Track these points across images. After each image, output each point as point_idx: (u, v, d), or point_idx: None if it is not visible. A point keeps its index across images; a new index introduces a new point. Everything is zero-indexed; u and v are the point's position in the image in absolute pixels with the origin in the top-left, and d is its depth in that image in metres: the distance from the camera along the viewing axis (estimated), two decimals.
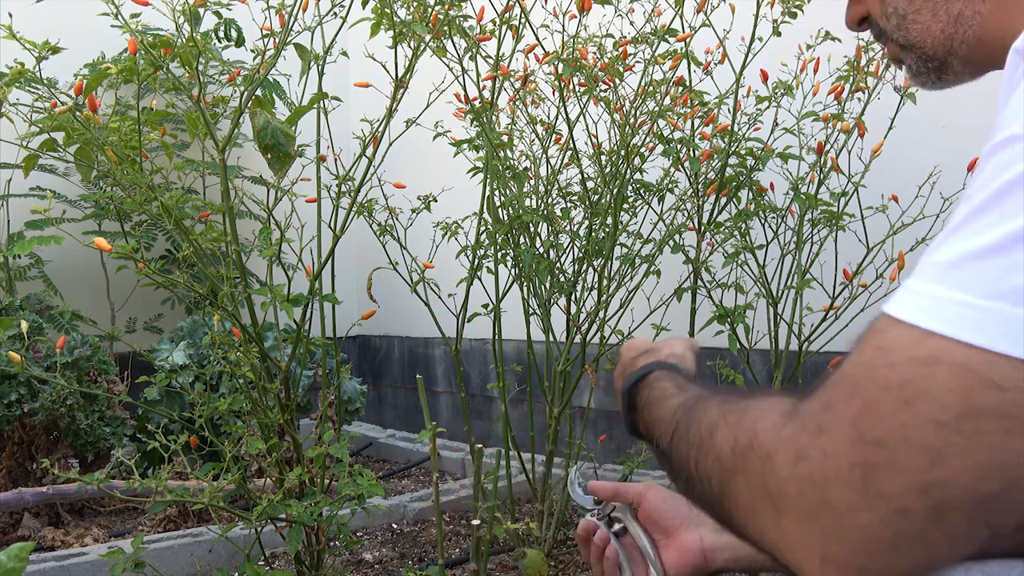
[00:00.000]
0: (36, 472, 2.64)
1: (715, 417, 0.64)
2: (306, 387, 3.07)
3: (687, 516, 1.01)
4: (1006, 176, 0.52)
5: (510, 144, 2.16)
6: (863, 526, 0.51)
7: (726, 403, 0.65)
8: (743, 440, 0.58)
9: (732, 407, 0.63)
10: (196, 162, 1.92)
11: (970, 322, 0.49)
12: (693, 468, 0.65)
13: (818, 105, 2.02)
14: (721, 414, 0.63)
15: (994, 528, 0.50)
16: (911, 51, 0.81)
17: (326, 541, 1.86)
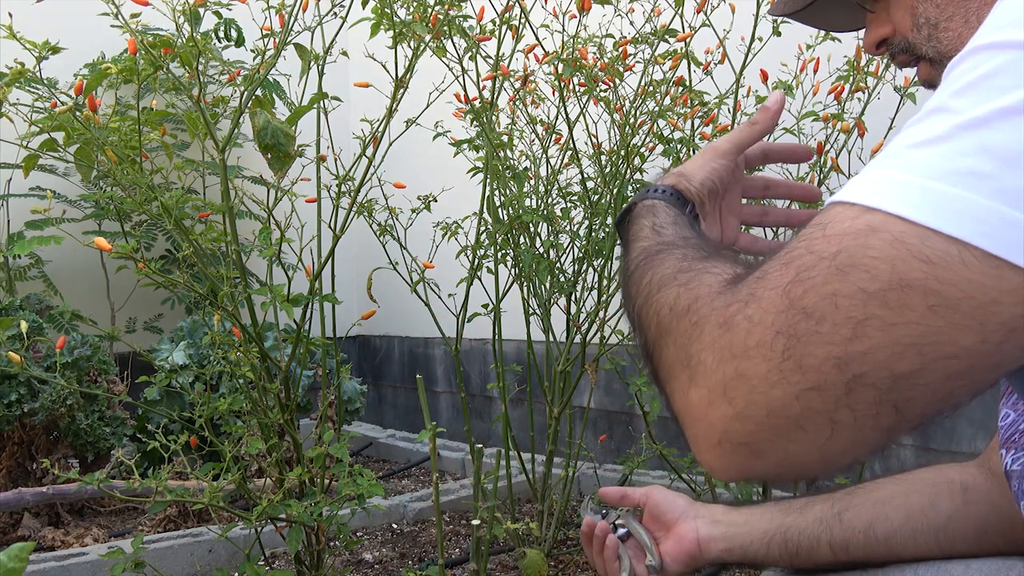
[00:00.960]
0: (36, 472, 2.64)
1: (669, 272, 0.64)
2: (306, 387, 3.07)
3: (685, 509, 1.04)
4: (959, 83, 0.52)
5: (510, 144, 2.16)
6: (772, 401, 0.50)
7: (684, 260, 0.64)
8: (683, 302, 0.58)
9: (688, 266, 0.63)
10: (196, 162, 1.92)
11: (909, 199, 0.49)
12: (636, 315, 0.65)
13: (818, 105, 2.02)
14: (675, 271, 0.63)
15: (901, 414, 0.49)
16: (942, 64, 0.78)
17: (326, 541, 1.86)
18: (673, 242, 0.71)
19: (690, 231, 0.76)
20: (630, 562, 1.04)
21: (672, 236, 0.74)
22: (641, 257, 0.70)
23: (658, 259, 0.67)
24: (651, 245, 0.72)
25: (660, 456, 2.17)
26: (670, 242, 0.71)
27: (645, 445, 2.22)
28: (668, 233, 0.75)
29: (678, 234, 0.74)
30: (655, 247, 0.71)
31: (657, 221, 0.78)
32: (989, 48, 0.51)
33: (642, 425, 2.85)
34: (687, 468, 2.16)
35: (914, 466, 0.96)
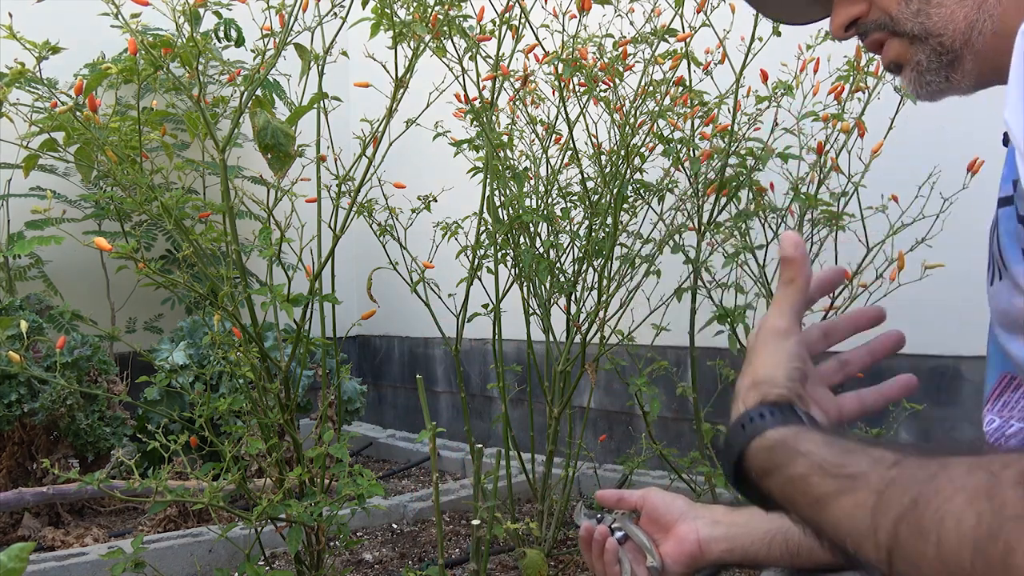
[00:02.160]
0: (36, 472, 2.64)
1: (987, 519, 0.46)
2: (306, 387, 3.07)
3: (683, 510, 1.02)
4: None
5: (510, 144, 2.16)
6: None
7: (988, 498, 0.47)
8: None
9: (1006, 502, 0.46)
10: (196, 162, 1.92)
11: None
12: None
13: (818, 105, 2.02)
14: (996, 508, 0.46)
15: None
16: (926, 42, 0.77)
17: (326, 541, 1.86)
18: (899, 478, 0.53)
19: (870, 443, 0.59)
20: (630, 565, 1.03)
21: (868, 466, 0.56)
22: (872, 521, 0.52)
23: (922, 512, 0.49)
24: (865, 499, 0.54)
25: (660, 456, 2.17)
26: (894, 480, 0.53)
27: (645, 445, 2.22)
28: (858, 465, 0.56)
29: (878, 456, 0.56)
30: (875, 495, 0.53)
31: (816, 459, 0.59)
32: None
33: (642, 425, 2.85)
34: (687, 468, 2.16)
35: None
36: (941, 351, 2.25)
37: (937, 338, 2.24)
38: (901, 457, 0.54)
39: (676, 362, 2.66)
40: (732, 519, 1.00)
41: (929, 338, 2.26)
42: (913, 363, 2.32)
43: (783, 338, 0.74)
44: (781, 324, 0.75)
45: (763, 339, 0.74)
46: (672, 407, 2.86)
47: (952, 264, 1.92)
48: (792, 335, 0.74)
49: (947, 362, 2.25)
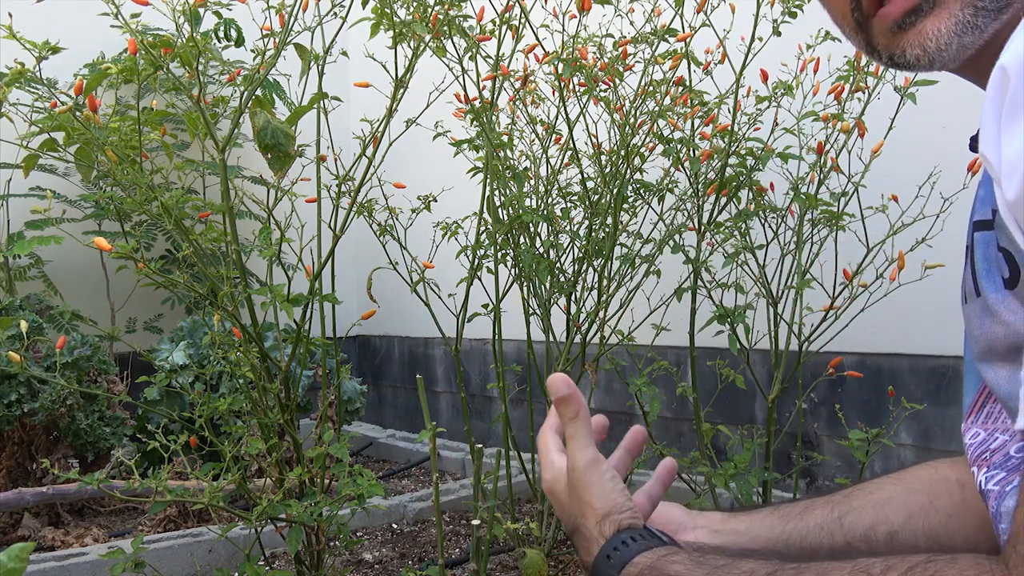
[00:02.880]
0: (36, 472, 2.64)
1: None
2: (306, 387, 3.07)
3: (682, 520, 1.00)
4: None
5: (510, 144, 2.16)
6: None
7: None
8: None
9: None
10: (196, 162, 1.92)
11: None
12: None
13: (818, 105, 2.02)
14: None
15: None
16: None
17: (326, 541, 1.86)
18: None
19: (736, 557, 0.60)
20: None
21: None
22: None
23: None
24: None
25: (660, 456, 2.16)
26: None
27: (645, 445, 2.22)
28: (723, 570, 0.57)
29: (749, 570, 0.57)
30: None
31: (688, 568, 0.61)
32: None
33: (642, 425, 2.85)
34: (687, 468, 2.16)
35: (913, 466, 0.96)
36: (941, 351, 2.25)
37: (937, 338, 2.24)
38: (773, 569, 0.55)
39: (676, 362, 2.66)
40: (731, 527, 0.98)
41: (929, 338, 2.26)
42: (913, 363, 2.32)
43: (598, 467, 0.76)
44: (589, 455, 0.76)
45: (580, 478, 0.75)
46: (672, 407, 2.86)
47: (952, 264, 1.92)
48: (602, 462, 0.77)
49: (947, 362, 2.25)
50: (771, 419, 2.11)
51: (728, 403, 2.62)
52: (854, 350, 2.33)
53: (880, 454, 2.26)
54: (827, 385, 2.42)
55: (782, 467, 2.51)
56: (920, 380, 2.30)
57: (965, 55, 0.65)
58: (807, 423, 2.52)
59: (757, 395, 2.60)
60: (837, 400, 2.44)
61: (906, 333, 2.30)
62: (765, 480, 2.05)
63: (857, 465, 2.15)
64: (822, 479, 2.53)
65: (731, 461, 1.96)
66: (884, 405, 2.31)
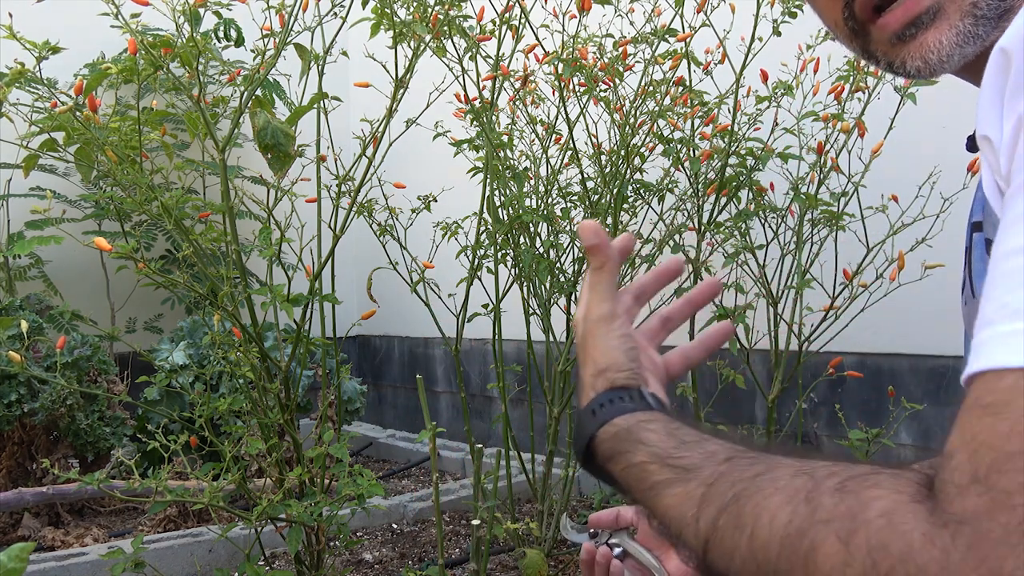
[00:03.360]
0: (36, 472, 2.64)
1: (799, 519, 0.47)
2: (306, 387, 3.07)
3: None
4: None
5: (510, 144, 2.16)
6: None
7: (806, 501, 0.47)
8: (881, 561, 0.43)
9: (821, 505, 0.46)
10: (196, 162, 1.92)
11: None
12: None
13: (818, 105, 2.02)
14: (810, 511, 0.47)
15: None
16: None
17: (326, 541, 1.86)
18: (726, 474, 0.54)
19: (708, 436, 0.60)
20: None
21: (701, 460, 0.57)
22: (711, 508, 0.53)
23: (751, 504, 0.50)
24: (704, 492, 0.54)
25: None
26: (723, 476, 0.54)
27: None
28: (692, 458, 0.58)
29: (712, 451, 0.57)
30: (717, 493, 0.53)
31: (655, 449, 0.61)
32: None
33: None
34: None
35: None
36: (941, 351, 2.25)
37: (937, 338, 2.24)
38: (734, 454, 0.56)
39: None
40: None
41: (929, 338, 2.26)
42: (913, 363, 2.32)
43: (610, 322, 0.74)
44: (604, 310, 0.74)
45: (591, 329, 0.74)
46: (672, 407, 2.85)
47: (952, 264, 1.92)
48: (617, 318, 0.74)
49: (947, 362, 2.25)
50: (771, 419, 2.11)
51: (728, 403, 2.62)
52: (854, 350, 2.33)
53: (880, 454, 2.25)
54: (827, 385, 2.42)
55: None
56: (920, 380, 2.30)
57: (965, 63, 0.65)
58: (807, 423, 2.52)
59: (757, 395, 2.60)
60: (837, 400, 2.44)
61: (906, 333, 2.30)
62: None
63: None
64: None
65: None
66: (884, 405, 2.31)
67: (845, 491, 0.47)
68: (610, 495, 2.60)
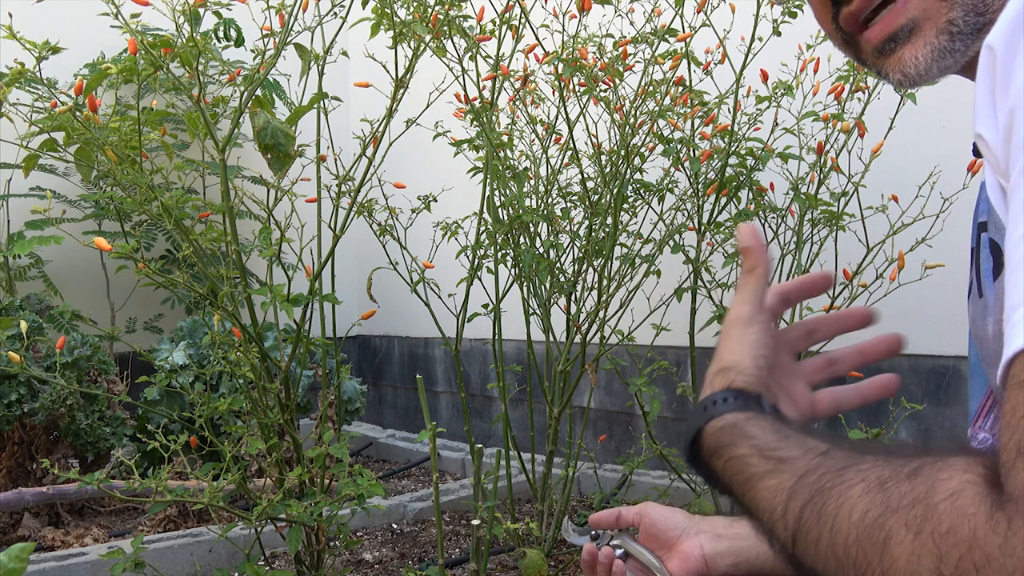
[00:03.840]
0: (36, 472, 2.64)
1: (875, 508, 0.47)
2: (306, 387, 3.07)
3: (685, 526, 1.00)
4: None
5: (510, 144, 2.16)
6: None
7: (881, 489, 0.48)
8: (950, 551, 0.43)
9: (895, 494, 0.46)
10: (196, 162, 1.92)
11: None
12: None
13: (818, 105, 2.02)
14: (884, 499, 0.47)
15: None
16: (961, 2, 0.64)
17: (326, 541, 1.86)
18: (817, 468, 0.54)
19: (810, 437, 0.60)
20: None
21: (798, 452, 0.57)
22: (797, 502, 0.54)
23: (832, 503, 0.50)
24: (793, 485, 0.54)
25: (660, 456, 2.17)
26: (813, 470, 0.54)
27: (645, 445, 2.22)
28: (790, 450, 0.58)
29: (811, 445, 0.57)
30: (805, 487, 0.53)
31: (758, 443, 0.61)
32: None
33: (642, 425, 2.85)
34: (687, 468, 2.16)
35: None
36: (941, 351, 2.25)
37: (937, 338, 2.24)
38: (831, 447, 0.56)
39: (676, 362, 2.66)
40: (735, 531, 0.97)
41: (929, 338, 2.26)
42: (913, 363, 2.32)
43: (747, 326, 0.75)
44: (744, 312, 0.75)
45: (727, 328, 0.75)
46: (672, 407, 2.86)
47: (952, 264, 1.92)
48: (756, 323, 0.75)
49: (947, 362, 2.25)
50: None
51: None
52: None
53: None
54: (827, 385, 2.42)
55: None
56: (920, 380, 2.30)
57: (949, 73, 0.67)
58: None
59: None
60: None
61: (906, 333, 2.29)
62: None
63: None
64: None
65: None
66: (884, 405, 2.31)
67: (917, 476, 0.47)
68: (610, 495, 2.61)
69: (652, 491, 2.47)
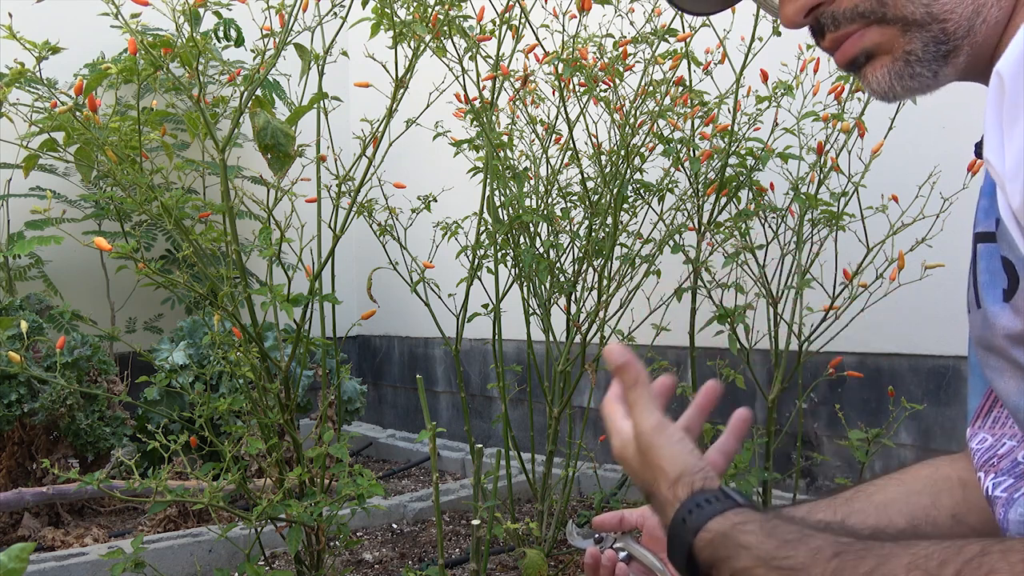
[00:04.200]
0: (36, 472, 2.64)
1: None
2: (306, 387, 3.07)
3: None
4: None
5: (510, 144, 2.16)
6: None
7: None
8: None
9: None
10: (196, 162, 1.92)
11: None
12: None
13: (818, 105, 2.02)
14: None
15: None
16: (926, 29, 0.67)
17: (326, 541, 1.86)
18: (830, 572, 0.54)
19: (808, 530, 0.61)
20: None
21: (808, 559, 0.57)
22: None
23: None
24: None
25: None
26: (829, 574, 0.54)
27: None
28: (797, 558, 0.58)
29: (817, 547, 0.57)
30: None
31: (758, 552, 0.61)
32: None
33: None
34: None
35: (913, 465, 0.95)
36: (941, 351, 2.25)
37: (937, 338, 2.24)
38: (840, 549, 0.55)
39: (676, 362, 2.66)
40: None
41: (929, 338, 2.26)
42: (913, 363, 2.32)
43: (663, 430, 0.75)
44: (654, 420, 0.76)
45: (649, 441, 0.74)
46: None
47: (952, 264, 1.92)
48: (668, 425, 0.76)
49: (947, 362, 2.25)
50: (771, 419, 2.11)
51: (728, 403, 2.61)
52: (854, 350, 2.33)
53: (880, 454, 2.26)
54: (827, 385, 2.42)
55: (782, 467, 2.51)
56: (920, 380, 2.30)
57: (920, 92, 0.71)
58: (807, 423, 2.52)
59: (757, 395, 2.60)
60: (837, 400, 2.44)
61: (906, 333, 2.30)
62: (765, 480, 2.05)
63: (857, 465, 2.15)
64: (822, 479, 2.53)
65: None
66: (884, 405, 2.31)
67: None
68: (610, 495, 2.61)
69: None
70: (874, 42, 0.69)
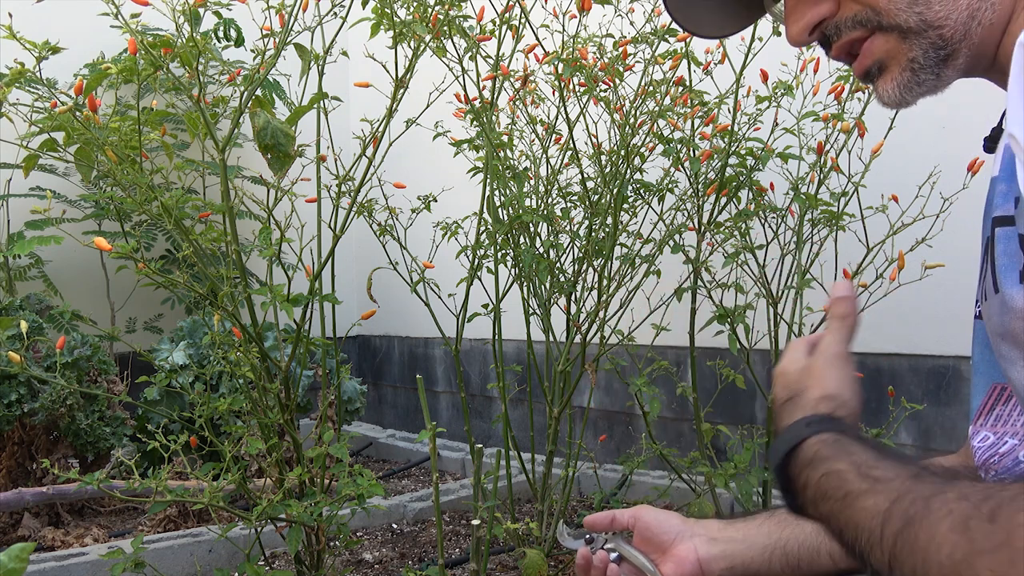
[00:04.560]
0: (36, 472, 2.64)
1: (960, 551, 0.50)
2: (306, 387, 3.07)
3: (680, 529, 1.00)
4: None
5: (510, 144, 2.16)
6: None
7: (966, 529, 0.51)
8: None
9: (979, 535, 0.50)
10: (196, 162, 1.92)
11: None
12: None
13: (818, 105, 2.02)
14: (968, 541, 0.50)
15: None
16: (923, 36, 0.70)
17: (326, 541, 1.86)
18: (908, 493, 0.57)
19: (901, 459, 0.63)
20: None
21: (889, 472, 0.60)
22: (892, 525, 0.56)
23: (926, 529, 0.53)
24: (888, 508, 0.57)
25: (660, 456, 2.17)
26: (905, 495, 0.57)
27: (645, 445, 2.22)
28: (885, 470, 0.61)
29: (889, 467, 0.61)
30: (899, 509, 0.56)
31: (857, 459, 0.64)
32: None
33: (642, 425, 2.85)
34: (687, 468, 2.16)
35: None
36: (941, 351, 2.25)
37: (937, 338, 2.24)
38: (920, 471, 0.59)
39: (676, 362, 2.66)
40: (728, 535, 0.98)
41: (929, 338, 2.26)
42: (913, 363, 2.32)
43: (847, 364, 0.78)
44: (843, 351, 0.79)
45: (829, 361, 0.78)
46: (672, 407, 2.86)
47: (952, 264, 1.92)
48: (849, 362, 0.79)
49: (947, 362, 2.25)
50: (771, 419, 2.11)
51: (728, 403, 2.62)
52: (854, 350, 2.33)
53: None
54: None
55: None
56: (920, 380, 2.30)
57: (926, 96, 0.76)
58: None
59: (757, 395, 2.60)
60: None
61: (906, 333, 2.30)
62: (765, 480, 2.05)
63: None
64: None
65: (731, 461, 1.96)
66: (884, 405, 2.31)
67: (997, 519, 0.50)
68: (610, 495, 2.61)
69: (652, 491, 2.47)
70: (883, 51, 0.74)
